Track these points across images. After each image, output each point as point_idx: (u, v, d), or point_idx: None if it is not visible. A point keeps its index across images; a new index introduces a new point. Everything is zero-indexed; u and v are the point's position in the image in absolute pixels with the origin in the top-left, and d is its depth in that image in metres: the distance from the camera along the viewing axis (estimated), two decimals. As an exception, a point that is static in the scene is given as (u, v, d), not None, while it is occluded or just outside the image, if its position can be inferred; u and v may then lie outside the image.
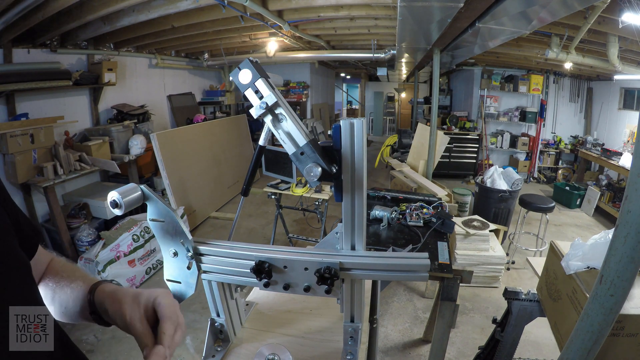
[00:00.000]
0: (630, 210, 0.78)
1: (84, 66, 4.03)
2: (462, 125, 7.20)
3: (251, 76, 0.62)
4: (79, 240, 3.34)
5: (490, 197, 4.21)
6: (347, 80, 13.64)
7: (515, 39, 3.40)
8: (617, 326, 0.98)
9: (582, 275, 1.19)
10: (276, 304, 1.16)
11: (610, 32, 3.24)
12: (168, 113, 5.75)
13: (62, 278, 0.63)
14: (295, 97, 7.57)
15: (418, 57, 4.48)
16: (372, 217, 2.28)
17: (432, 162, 4.16)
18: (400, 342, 2.65)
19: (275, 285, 0.80)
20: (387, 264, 0.76)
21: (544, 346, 2.47)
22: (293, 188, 3.41)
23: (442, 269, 1.79)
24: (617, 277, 0.82)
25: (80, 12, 2.97)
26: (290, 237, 3.90)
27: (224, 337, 0.96)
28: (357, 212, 0.76)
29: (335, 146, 0.71)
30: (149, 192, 0.70)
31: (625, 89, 5.84)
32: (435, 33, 2.90)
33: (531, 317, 1.55)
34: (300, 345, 0.96)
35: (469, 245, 3.11)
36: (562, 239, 3.15)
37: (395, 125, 12.84)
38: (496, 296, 3.10)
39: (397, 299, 3.14)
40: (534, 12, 2.26)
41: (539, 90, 6.84)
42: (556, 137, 7.06)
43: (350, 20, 3.76)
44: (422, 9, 2.21)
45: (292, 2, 3.07)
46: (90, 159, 3.57)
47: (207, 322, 0.94)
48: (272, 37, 4.69)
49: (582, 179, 6.30)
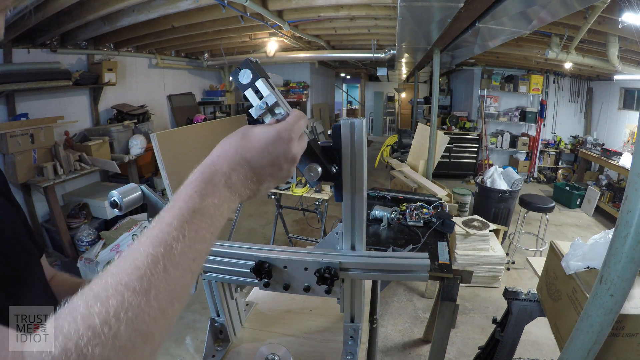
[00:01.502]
0: (630, 210, 0.78)
1: (84, 66, 4.03)
2: (462, 125, 7.20)
3: (251, 76, 0.61)
4: (79, 240, 3.34)
5: (490, 197, 4.21)
6: (347, 80, 13.64)
7: (515, 39, 3.39)
8: (617, 326, 0.98)
9: (582, 275, 1.19)
10: (276, 304, 1.16)
11: (610, 32, 3.24)
12: (168, 113, 5.75)
13: (70, 287, 0.63)
14: (295, 97, 7.56)
15: (418, 57, 4.48)
16: (372, 217, 2.28)
17: (432, 162, 4.16)
18: (400, 342, 2.65)
19: (275, 285, 0.80)
20: (387, 264, 0.77)
21: (544, 346, 2.47)
22: (293, 188, 3.41)
23: (442, 269, 1.79)
24: (617, 277, 0.82)
25: (80, 12, 2.97)
26: (290, 237, 3.90)
27: (224, 337, 0.96)
28: (357, 212, 0.76)
29: (335, 146, 0.71)
30: (149, 192, 0.70)
31: (625, 89, 5.84)
32: (435, 33, 2.90)
33: (531, 317, 1.55)
34: (300, 345, 0.96)
35: (469, 245, 3.11)
36: (562, 239, 3.15)
37: (395, 125, 12.84)
38: (496, 296, 3.10)
39: (397, 299, 3.14)
40: (534, 12, 2.26)
41: (539, 90, 6.84)
42: (556, 137, 7.06)
43: (350, 20, 3.76)
44: (422, 9, 2.21)
45: (292, 2, 3.07)
46: (90, 159, 3.57)
47: (207, 322, 0.94)
48: (272, 37, 4.69)
49: (582, 179, 6.29)
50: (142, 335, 0.30)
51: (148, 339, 0.31)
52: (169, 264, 0.34)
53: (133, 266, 0.33)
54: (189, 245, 0.36)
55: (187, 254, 0.35)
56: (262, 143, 0.46)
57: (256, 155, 0.45)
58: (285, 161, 0.47)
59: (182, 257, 0.35)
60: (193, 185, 0.42)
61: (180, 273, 0.34)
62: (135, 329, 0.30)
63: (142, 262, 0.33)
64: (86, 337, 0.28)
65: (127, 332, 0.29)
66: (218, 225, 0.41)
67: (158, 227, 0.36)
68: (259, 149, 0.46)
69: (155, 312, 0.31)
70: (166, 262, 0.34)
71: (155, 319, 0.31)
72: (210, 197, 0.41)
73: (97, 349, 0.28)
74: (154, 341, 0.32)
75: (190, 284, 0.36)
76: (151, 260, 0.33)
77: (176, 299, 0.34)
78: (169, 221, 0.37)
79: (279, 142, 0.47)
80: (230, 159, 0.45)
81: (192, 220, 0.38)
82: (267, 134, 0.47)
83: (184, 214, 0.38)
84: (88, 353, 0.27)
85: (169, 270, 0.33)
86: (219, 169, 0.44)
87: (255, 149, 0.46)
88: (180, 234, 0.36)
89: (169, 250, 0.34)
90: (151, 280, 0.32)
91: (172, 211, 0.38)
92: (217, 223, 0.41)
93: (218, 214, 0.41)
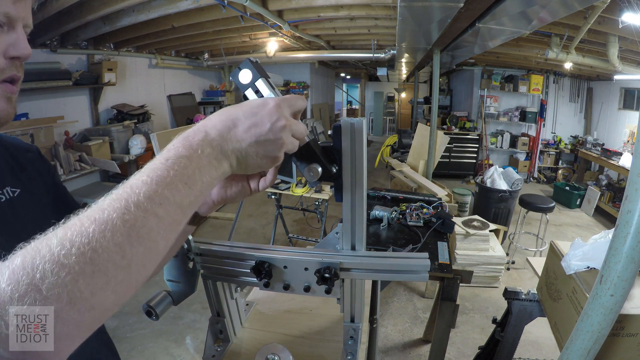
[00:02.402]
0: (630, 210, 0.78)
1: (84, 66, 4.03)
2: (462, 125, 7.20)
3: (251, 76, 0.61)
4: (79, 240, 3.34)
5: (490, 197, 4.21)
6: (347, 80, 13.64)
7: (515, 39, 3.40)
8: (617, 326, 0.98)
9: (582, 275, 1.19)
10: (276, 304, 1.16)
11: (610, 32, 3.24)
12: (168, 113, 5.75)
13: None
14: (295, 97, 7.56)
15: (418, 57, 4.48)
16: (372, 217, 2.27)
17: (432, 162, 4.16)
18: (400, 342, 2.65)
19: (275, 285, 0.80)
20: (387, 264, 0.77)
21: (544, 346, 2.47)
22: (293, 188, 3.41)
23: (442, 269, 1.79)
24: (617, 277, 0.82)
25: (80, 12, 2.97)
26: (290, 237, 3.90)
27: (224, 337, 0.96)
28: (357, 212, 0.76)
29: (335, 146, 0.71)
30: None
31: (625, 89, 5.84)
32: (435, 33, 2.91)
33: (531, 317, 1.55)
34: (300, 345, 0.96)
35: (469, 245, 3.11)
36: (562, 239, 3.15)
37: (395, 125, 12.84)
38: (496, 296, 3.10)
39: (397, 299, 3.14)
40: (534, 12, 2.26)
41: (539, 90, 6.84)
42: (556, 137, 7.06)
43: (350, 20, 3.77)
44: (422, 9, 2.21)
45: (292, 2, 3.07)
46: (90, 159, 3.57)
47: (207, 322, 0.94)
48: (272, 37, 4.70)
49: (582, 179, 6.30)
50: (93, 264, 0.31)
51: (100, 271, 0.31)
52: (132, 203, 0.34)
53: (98, 206, 0.34)
54: (155, 190, 0.36)
55: (153, 198, 0.36)
56: (247, 105, 0.48)
57: (240, 113, 0.46)
58: (270, 121, 0.46)
59: (147, 199, 0.35)
60: (173, 142, 0.43)
61: (142, 214, 0.35)
62: (86, 256, 0.31)
63: (107, 200, 0.35)
64: (39, 256, 0.30)
65: (78, 256, 0.30)
66: (191, 176, 0.40)
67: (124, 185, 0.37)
68: (244, 109, 0.47)
69: (109, 243, 0.32)
70: (129, 202, 0.34)
71: (108, 250, 0.32)
72: (184, 148, 0.41)
73: (47, 265, 0.29)
74: (107, 274, 0.32)
75: (155, 230, 0.36)
76: (115, 196, 0.35)
77: (135, 238, 0.34)
78: (138, 175, 0.38)
79: (264, 104, 0.47)
80: (214, 119, 0.46)
81: (163, 168, 0.38)
82: (255, 100, 0.49)
83: (156, 163, 0.39)
84: (38, 267, 0.29)
85: (130, 208, 0.34)
86: (200, 127, 0.44)
87: (239, 108, 0.47)
88: (148, 178, 0.36)
89: (135, 192, 0.35)
90: (110, 214, 0.33)
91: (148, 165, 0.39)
92: (191, 173, 0.40)
93: (193, 165, 0.41)
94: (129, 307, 2.96)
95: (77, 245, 0.31)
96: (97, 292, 0.31)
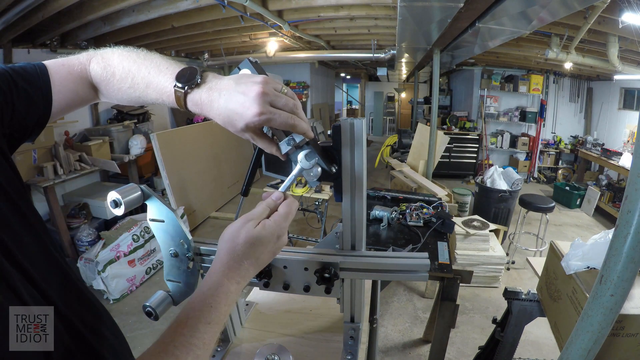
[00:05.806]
0: (630, 210, 0.78)
1: (84, 66, 4.03)
2: (462, 125, 7.20)
3: (251, 76, 0.61)
4: (79, 240, 3.34)
5: (490, 197, 4.21)
6: (347, 80, 13.64)
7: (515, 39, 3.40)
8: (617, 326, 0.98)
9: (582, 275, 1.19)
10: (276, 304, 1.16)
11: (610, 32, 3.24)
12: (168, 113, 5.75)
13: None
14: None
15: (418, 57, 4.48)
16: (372, 217, 2.28)
17: (432, 162, 4.16)
18: (400, 342, 2.65)
19: (275, 285, 0.80)
20: (387, 264, 0.76)
21: (544, 346, 2.47)
22: (293, 188, 3.41)
23: (442, 269, 1.79)
24: (617, 277, 0.81)
25: (80, 12, 2.97)
26: (290, 237, 3.90)
27: (224, 337, 0.96)
28: (357, 212, 0.76)
29: (335, 146, 0.71)
30: (149, 192, 0.70)
31: (625, 89, 5.84)
32: (435, 33, 2.91)
33: (531, 317, 1.55)
34: (300, 345, 0.96)
35: (469, 245, 3.11)
36: (562, 239, 3.15)
37: (395, 125, 12.85)
38: (496, 296, 3.10)
39: (397, 299, 3.14)
40: (534, 12, 2.26)
41: (539, 90, 6.84)
42: (556, 137, 7.06)
43: (350, 20, 3.76)
44: (422, 9, 2.21)
45: (292, 2, 3.07)
46: (90, 159, 3.57)
47: (207, 322, 0.93)
48: (272, 37, 4.69)
49: (582, 179, 6.30)
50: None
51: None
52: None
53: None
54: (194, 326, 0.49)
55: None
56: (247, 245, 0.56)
57: (240, 251, 0.55)
58: (269, 252, 0.58)
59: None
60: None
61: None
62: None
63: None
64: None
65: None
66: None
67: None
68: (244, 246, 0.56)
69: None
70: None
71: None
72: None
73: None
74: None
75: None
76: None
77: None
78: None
79: (260, 245, 0.56)
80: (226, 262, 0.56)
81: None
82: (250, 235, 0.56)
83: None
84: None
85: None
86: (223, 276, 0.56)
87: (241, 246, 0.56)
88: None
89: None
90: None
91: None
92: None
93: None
94: (128, 307, 2.96)
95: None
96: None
